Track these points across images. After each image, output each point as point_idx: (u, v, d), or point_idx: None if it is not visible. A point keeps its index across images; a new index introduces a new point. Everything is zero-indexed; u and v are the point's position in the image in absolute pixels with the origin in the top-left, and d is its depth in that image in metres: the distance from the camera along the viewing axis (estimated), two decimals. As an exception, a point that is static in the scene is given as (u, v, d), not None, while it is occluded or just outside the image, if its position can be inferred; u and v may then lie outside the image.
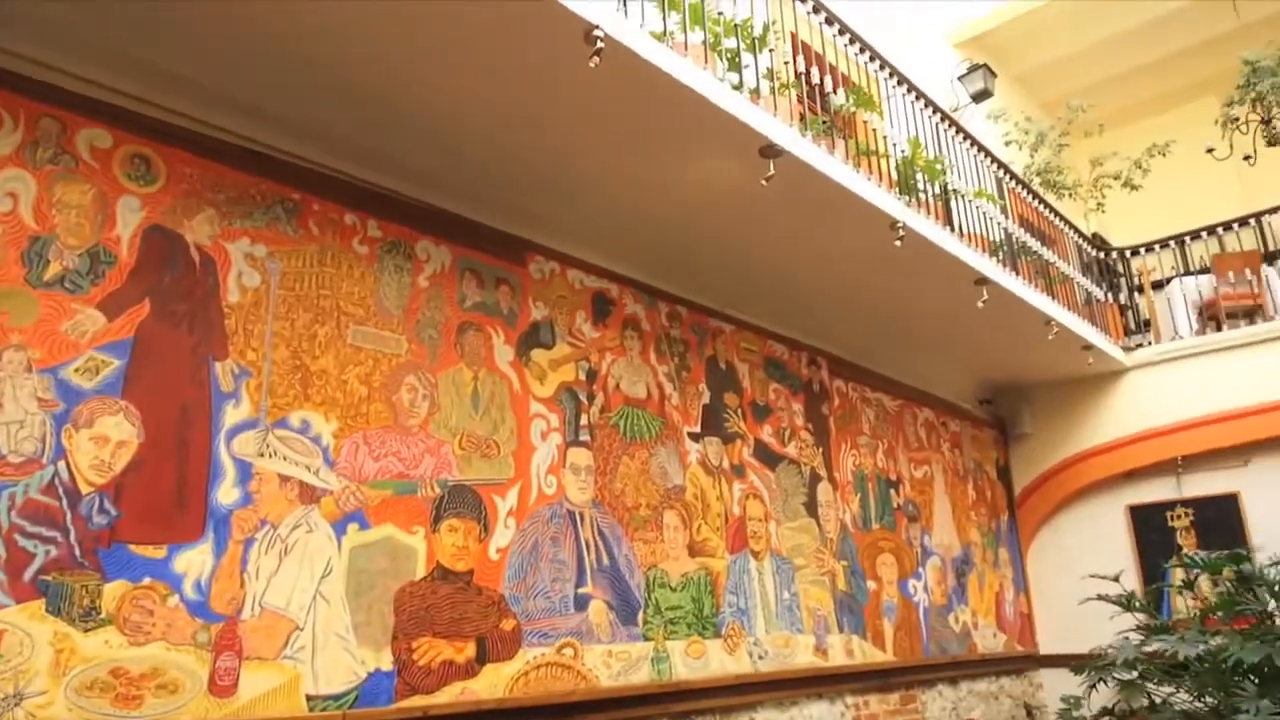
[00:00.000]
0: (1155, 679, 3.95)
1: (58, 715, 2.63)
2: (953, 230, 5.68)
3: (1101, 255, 8.64)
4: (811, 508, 6.03)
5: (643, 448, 4.88)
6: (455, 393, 3.97)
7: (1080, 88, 9.95)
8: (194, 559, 3.02)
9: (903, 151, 5.48)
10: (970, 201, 6.12)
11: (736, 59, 4.36)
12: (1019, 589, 8.25)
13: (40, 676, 2.63)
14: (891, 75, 5.65)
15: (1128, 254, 8.78)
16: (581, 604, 4.25)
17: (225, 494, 3.15)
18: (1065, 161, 8.98)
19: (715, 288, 5.60)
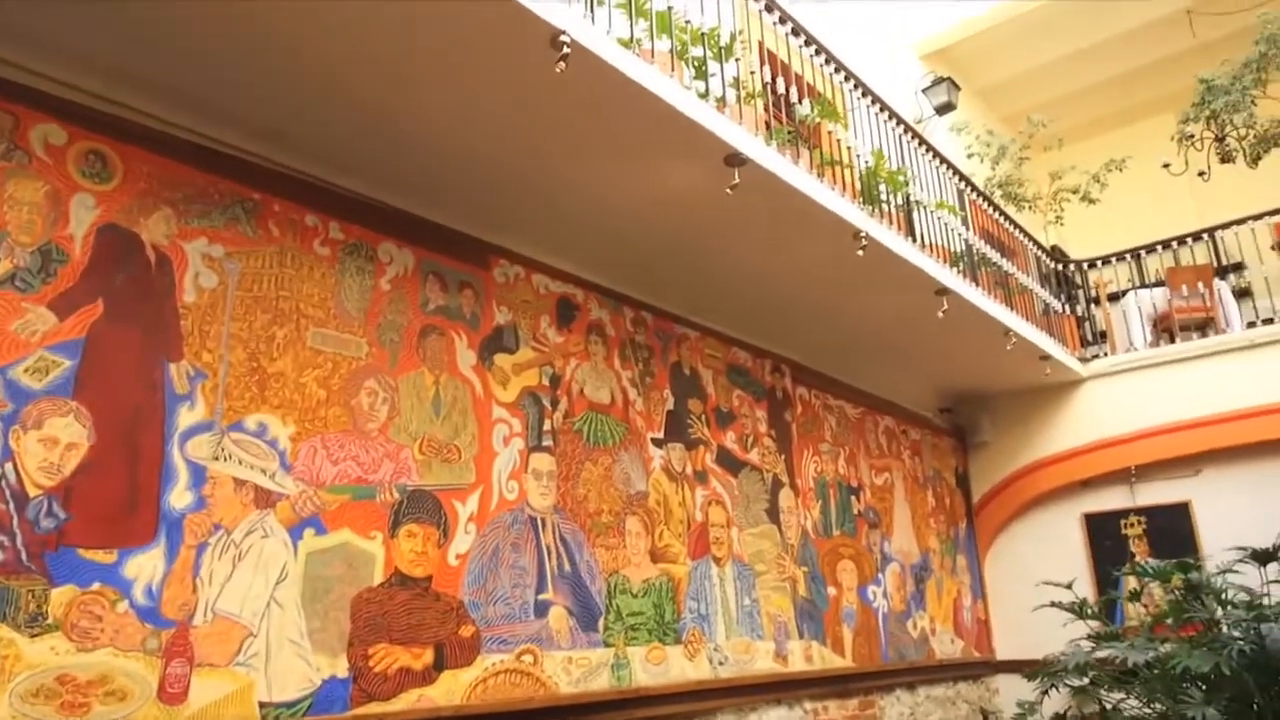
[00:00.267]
0: (1106, 685, 4.03)
1: (0, 723, 2.57)
2: (914, 241, 5.75)
3: (1060, 267, 8.80)
4: (773, 514, 6.07)
5: (606, 453, 4.87)
6: (416, 397, 3.94)
7: (1041, 103, 10.12)
8: (145, 564, 2.97)
9: (866, 162, 5.54)
10: (932, 212, 6.20)
11: (703, 67, 4.39)
12: (976, 595, 8.36)
13: (-18, 684, 2.56)
14: (856, 86, 5.72)
15: (1085, 266, 8.95)
16: (542, 610, 4.23)
17: (178, 498, 3.09)
18: (1025, 175, 9.13)
19: (680, 294, 5.61)
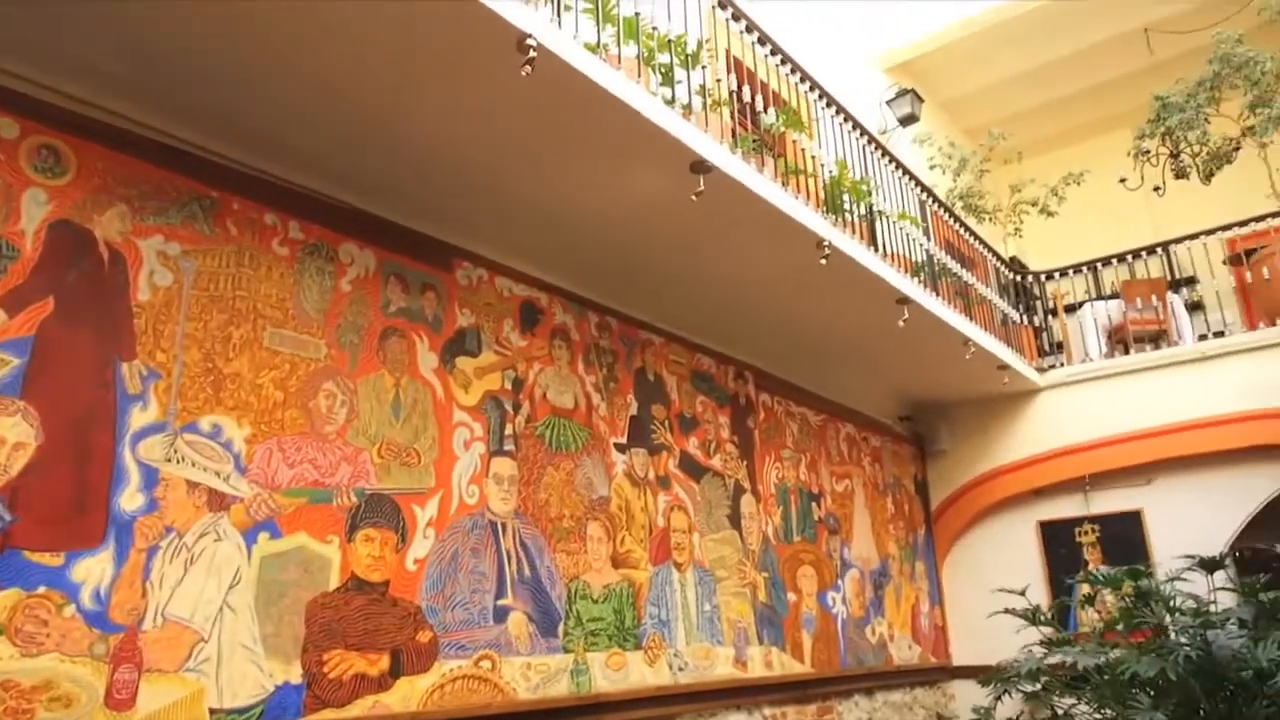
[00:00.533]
0: (1058, 691, 4.09)
1: (-63, 731, 2.50)
2: (877, 250, 5.81)
3: (1018, 278, 8.95)
4: (735, 520, 6.09)
5: (568, 458, 4.86)
6: (375, 399, 3.90)
7: (1002, 116, 10.30)
8: (93, 567, 2.90)
9: (830, 172, 5.59)
10: (894, 223, 6.27)
11: (670, 74, 4.40)
12: (934, 601, 8.45)
13: (-81, 691, 2.49)
14: (821, 97, 5.77)
15: (1043, 278, 9.12)
16: (501, 616, 4.20)
17: (129, 500, 3.03)
18: (986, 187, 9.27)
19: (645, 300, 5.62)
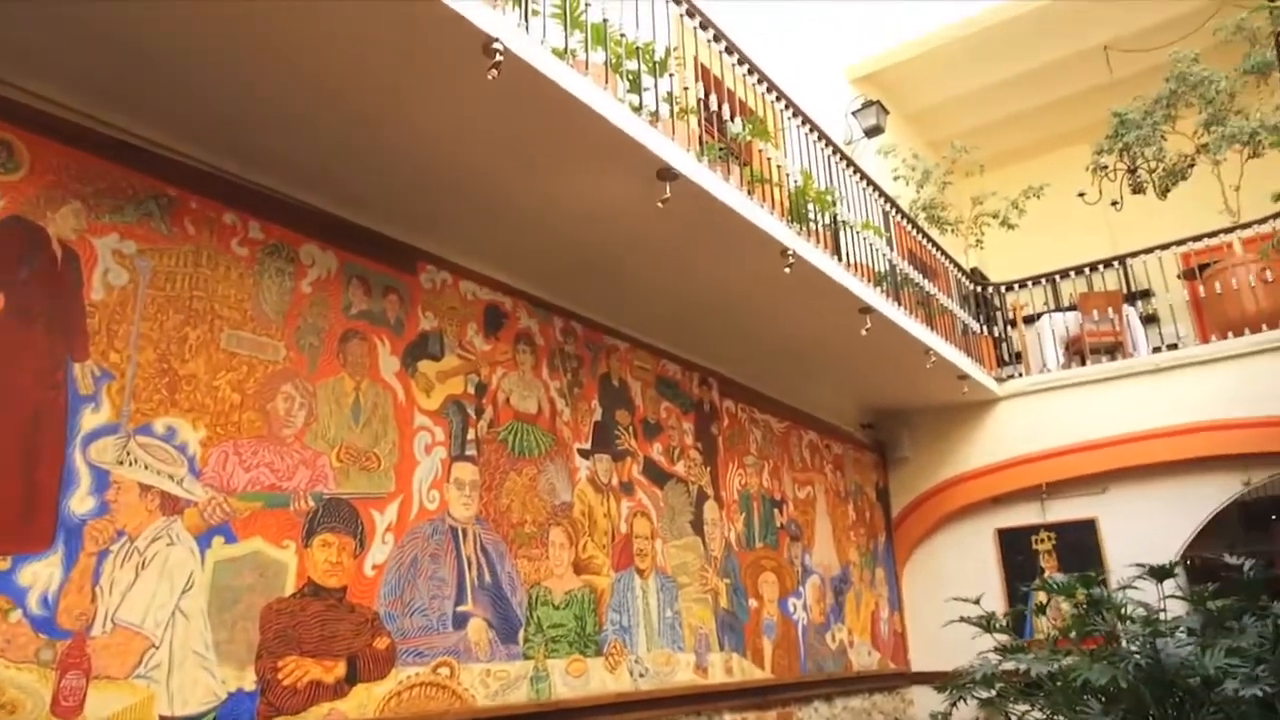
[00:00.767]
0: (1012, 697, 4.15)
1: (-127, 741, 2.43)
2: (840, 260, 5.86)
3: (979, 289, 9.08)
4: (698, 526, 6.10)
5: (531, 464, 4.84)
6: (335, 403, 3.85)
7: (965, 129, 10.46)
8: (40, 571, 2.83)
9: (796, 181, 5.64)
10: (858, 233, 6.34)
11: (637, 81, 4.41)
12: (894, 608, 8.53)
13: None
14: (787, 107, 5.82)
15: (1003, 289, 9.26)
16: (460, 622, 4.17)
17: (79, 503, 2.97)
18: (948, 198, 9.39)
19: (611, 305, 5.62)
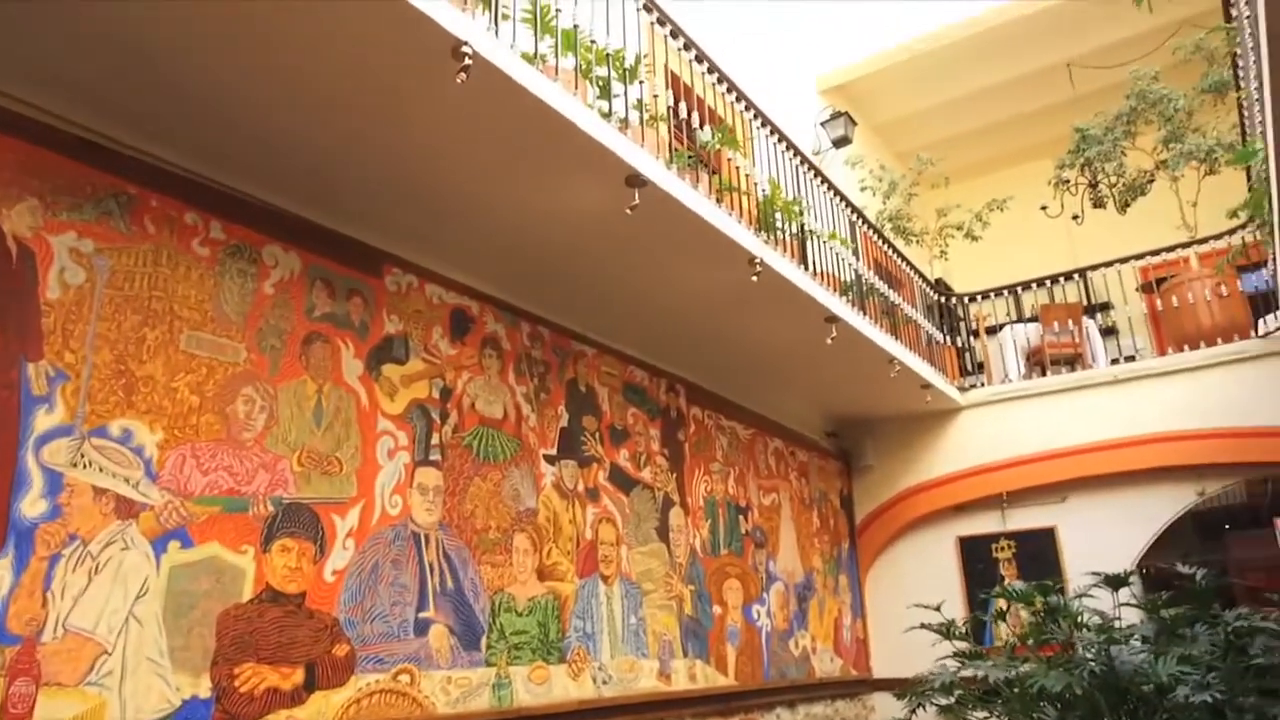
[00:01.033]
0: (971, 704, 4.20)
1: None
2: (807, 269, 5.91)
3: (943, 300, 9.19)
4: (663, 532, 6.11)
5: (496, 469, 4.82)
6: (296, 406, 3.81)
7: (931, 141, 10.60)
8: (-12, 576, 2.77)
9: (764, 191, 5.68)
10: (825, 242, 6.39)
11: (607, 87, 4.42)
12: (856, 615, 8.59)
13: None
14: (756, 116, 5.86)
15: (966, 300, 9.38)
16: (422, 628, 4.13)
17: (30, 506, 2.90)
18: (914, 210, 9.52)
19: (578, 311, 5.62)
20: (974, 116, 10.92)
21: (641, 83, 4.78)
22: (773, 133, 6.03)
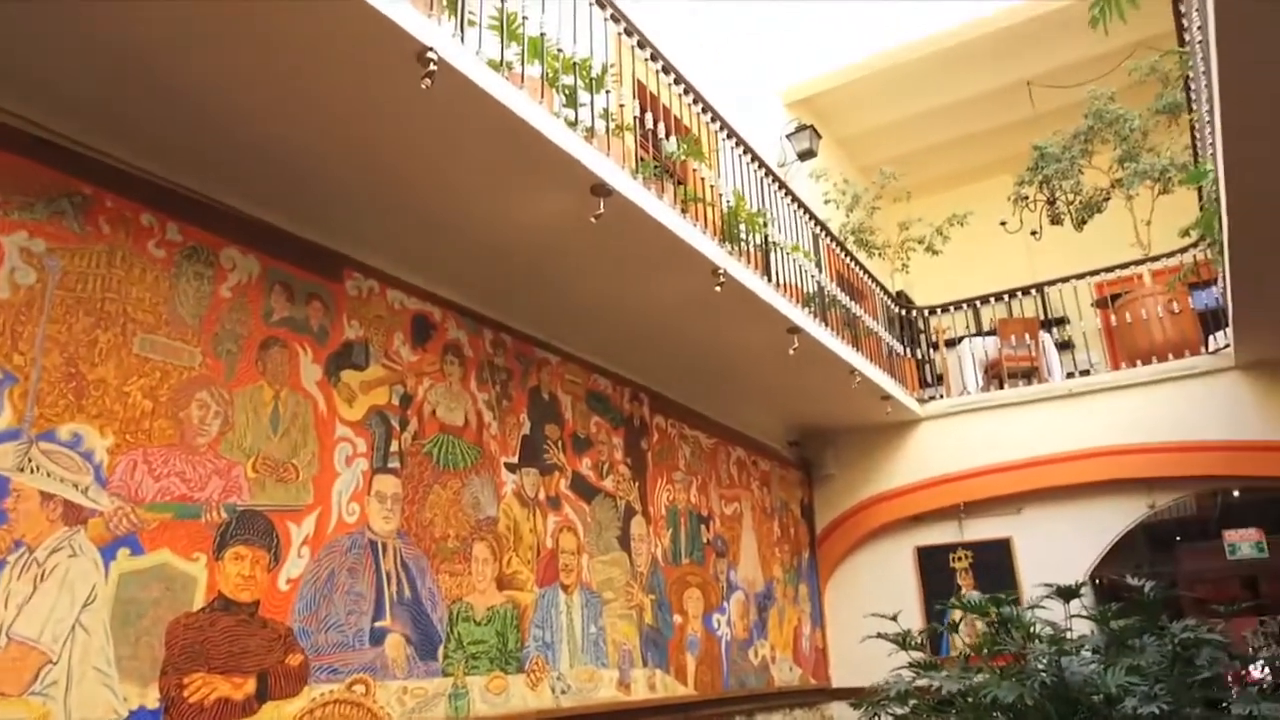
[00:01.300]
0: (925, 714, 4.24)
1: None
2: (770, 280, 5.95)
3: (904, 312, 9.31)
4: (625, 541, 6.10)
5: (456, 477, 4.78)
6: (253, 412, 3.75)
7: (894, 156, 10.75)
8: (-73, 584, 2.70)
9: (729, 202, 5.71)
10: (788, 254, 6.44)
11: (573, 96, 4.42)
12: (816, 624, 8.64)
13: None
14: (722, 128, 5.90)
15: (927, 313, 9.51)
16: (378, 638, 4.09)
17: (-27, 512, 2.83)
18: (876, 223, 9.63)
19: (542, 318, 5.60)
20: (936, 132, 11.09)
21: (608, 92, 4.79)
22: (738, 144, 6.07)
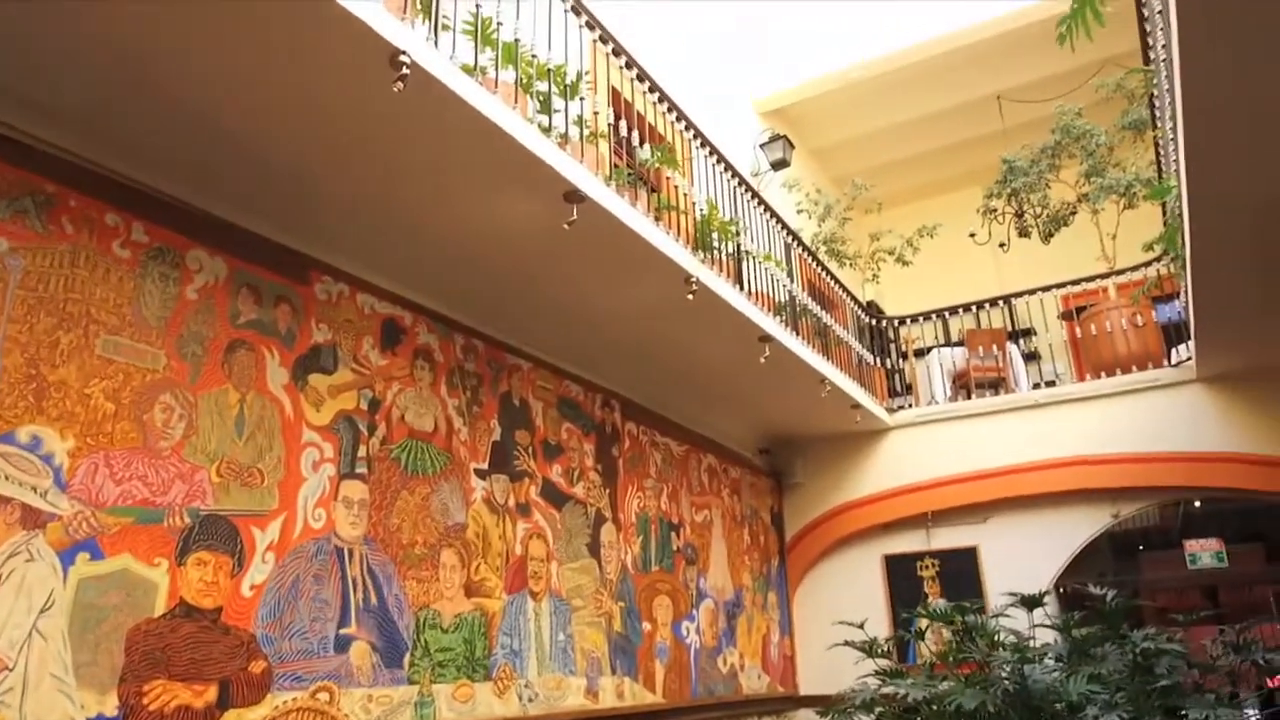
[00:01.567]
0: (891, 721, 4.28)
1: None
2: (742, 289, 5.98)
3: (874, 322, 9.38)
4: (594, 548, 6.08)
5: (425, 483, 4.75)
6: (218, 415, 3.70)
7: (866, 168, 10.85)
8: (-123, 589, 2.63)
9: (702, 210, 5.73)
10: (760, 263, 6.48)
11: (548, 102, 4.42)
12: (784, 632, 8.67)
13: None
14: (696, 136, 5.92)
15: (896, 323, 9.59)
16: (343, 645, 4.04)
17: (-74, 515, 2.77)
18: (848, 234, 9.71)
19: (514, 324, 5.58)
20: (908, 144, 11.21)
21: (583, 99, 4.79)
22: (711, 153, 6.10)
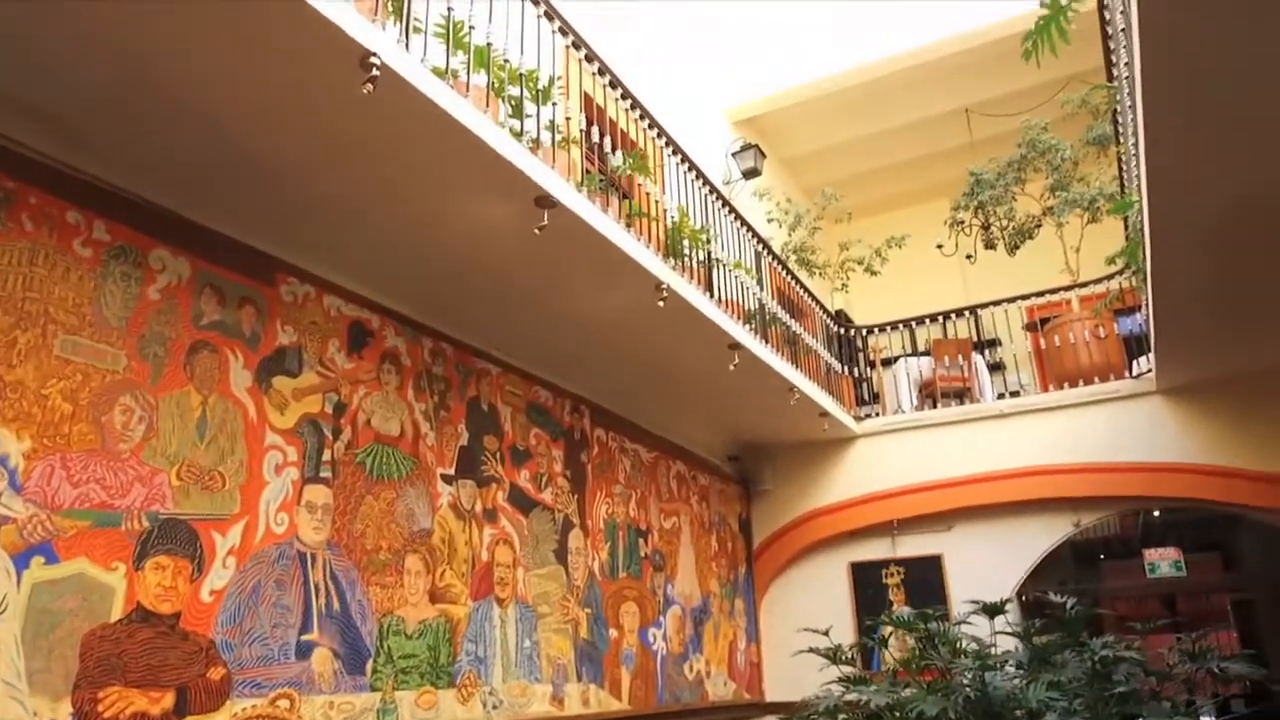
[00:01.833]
0: (854, 728, 4.31)
1: None
2: (712, 296, 6.00)
3: (843, 331, 9.46)
4: (562, 555, 6.06)
5: (390, 487, 4.71)
6: (179, 417, 3.64)
7: (836, 178, 10.94)
8: None
9: (673, 217, 5.75)
10: (730, 271, 6.51)
11: (519, 107, 4.42)
12: (751, 639, 8.69)
13: None
14: (668, 144, 5.94)
15: (865, 332, 9.68)
16: (304, 651, 3.99)
17: (-127, 517, 2.70)
18: (818, 243, 9.79)
19: (483, 328, 5.56)
20: (877, 155, 11.33)
21: (555, 104, 4.79)
22: (683, 161, 6.12)
